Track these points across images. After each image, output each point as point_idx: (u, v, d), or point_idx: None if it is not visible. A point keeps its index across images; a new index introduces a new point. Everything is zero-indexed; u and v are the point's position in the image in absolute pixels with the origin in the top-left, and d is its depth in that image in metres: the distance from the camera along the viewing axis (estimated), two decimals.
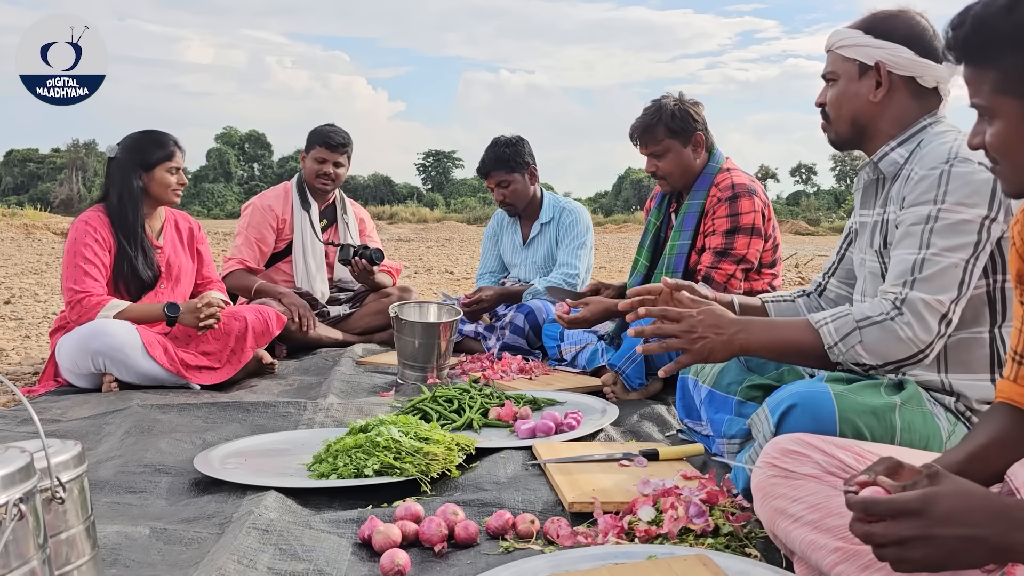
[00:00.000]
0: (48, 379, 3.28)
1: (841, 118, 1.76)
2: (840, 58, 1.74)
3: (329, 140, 4.13)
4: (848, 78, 1.73)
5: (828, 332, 1.60)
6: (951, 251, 1.54)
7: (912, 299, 1.55)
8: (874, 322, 1.57)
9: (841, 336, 1.59)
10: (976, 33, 1.04)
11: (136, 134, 3.37)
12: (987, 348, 1.62)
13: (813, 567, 1.28)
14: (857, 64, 1.72)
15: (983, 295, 1.61)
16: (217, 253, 12.25)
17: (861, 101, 1.72)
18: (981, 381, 1.62)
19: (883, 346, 1.56)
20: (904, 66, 1.69)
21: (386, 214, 38.58)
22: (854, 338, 1.57)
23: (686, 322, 1.63)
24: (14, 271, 9.51)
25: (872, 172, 1.77)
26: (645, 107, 3.07)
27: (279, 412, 2.68)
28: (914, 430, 1.54)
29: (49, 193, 49.48)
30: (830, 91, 1.77)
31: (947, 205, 1.56)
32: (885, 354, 1.56)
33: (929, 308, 1.54)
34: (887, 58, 1.69)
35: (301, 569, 1.48)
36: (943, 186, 1.57)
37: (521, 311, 3.72)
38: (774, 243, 3.06)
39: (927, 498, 0.89)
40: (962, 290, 1.55)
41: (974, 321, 1.62)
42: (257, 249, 4.10)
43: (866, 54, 1.70)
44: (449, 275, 9.96)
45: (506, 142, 3.99)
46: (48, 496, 1.10)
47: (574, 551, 1.48)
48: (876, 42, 1.69)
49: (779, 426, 1.55)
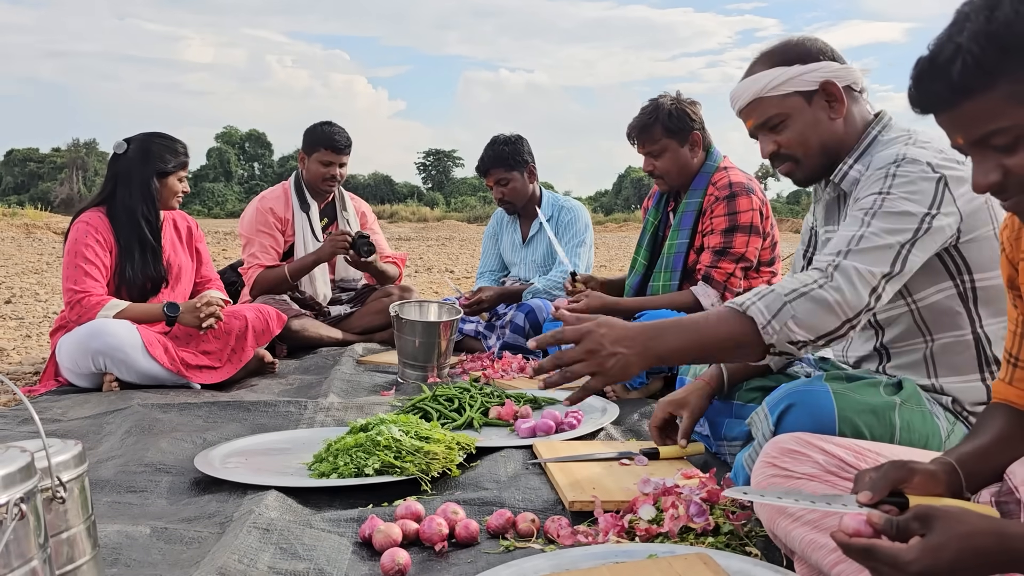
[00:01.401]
0: (49, 379, 3.28)
1: (811, 151, 1.71)
2: (776, 100, 1.69)
3: (335, 143, 4.07)
4: (799, 111, 1.69)
5: (758, 311, 1.47)
6: (888, 233, 1.52)
7: (845, 266, 1.50)
8: (802, 293, 1.48)
9: (773, 313, 1.46)
10: (984, 52, 0.92)
11: (148, 137, 3.34)
12: (973, 349, 1.62)
13: (813, 566, 1.28)
14: (800, 95, 1.68)
15: (954, 296, 1.62)
16: (216, 252, 12.26)
17: (825, 126, 1.69)
18: (971, 383, 1.62)
19: (814, 317, 1.47)
20: (843, 76, 1.69)
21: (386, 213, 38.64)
22: (786, 312, 1.46)
23: (588, 341, 1.43)
24: (14, 271, 9.51)
25: (833, 190, 1.76)
26: (642, 106, 3.07)
27: (280, 411, 2.68)
28: (913, 429, 1.55)
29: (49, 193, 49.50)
30: (782, 135, 1.71)
31: (892, 196, 1.55)
32: (816, 326, 1.47)
33: (860, 276, 1.49)
34: (829, 75, 1.67)
35: (302, 568, 1.48)
36: (888, 180, 1.57)
37: (521, 310, 3.72)
38: (772, 241, 3.06)
39: (928, 551, 0.88)
40: (894, 269, 1.51)
41: (952, 324, 1.62)
42: (272, 252, 4.07)
43: (805, 81, 1.67)
44: (449, 274, 9.96)
45: (505, 140, 3.99)
46: (49, 496, 1.10)
47: (574, 550, 1.48)
48: (808, 67, 1.67)
49: (778, 425, 1.55)
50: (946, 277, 1.61)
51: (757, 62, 1.73)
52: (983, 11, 0.92)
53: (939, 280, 1.61)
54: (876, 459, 1.31)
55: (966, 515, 0.91)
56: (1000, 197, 1.01)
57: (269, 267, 4.03)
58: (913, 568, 0.88)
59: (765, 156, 1.77)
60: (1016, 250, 1.19)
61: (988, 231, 1.59)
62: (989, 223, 1.59)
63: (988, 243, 1.59)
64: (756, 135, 1.76)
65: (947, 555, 0.88)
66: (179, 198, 3.38)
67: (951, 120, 0.98)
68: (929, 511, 0.91)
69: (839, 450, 1.33)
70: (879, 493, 1.02)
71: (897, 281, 1.53)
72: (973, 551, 0.88)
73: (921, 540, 0.90)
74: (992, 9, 0.92)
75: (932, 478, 1.07)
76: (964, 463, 1.12)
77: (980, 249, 1.59)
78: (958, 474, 1.10)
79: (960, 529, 0.89)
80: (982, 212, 1.58)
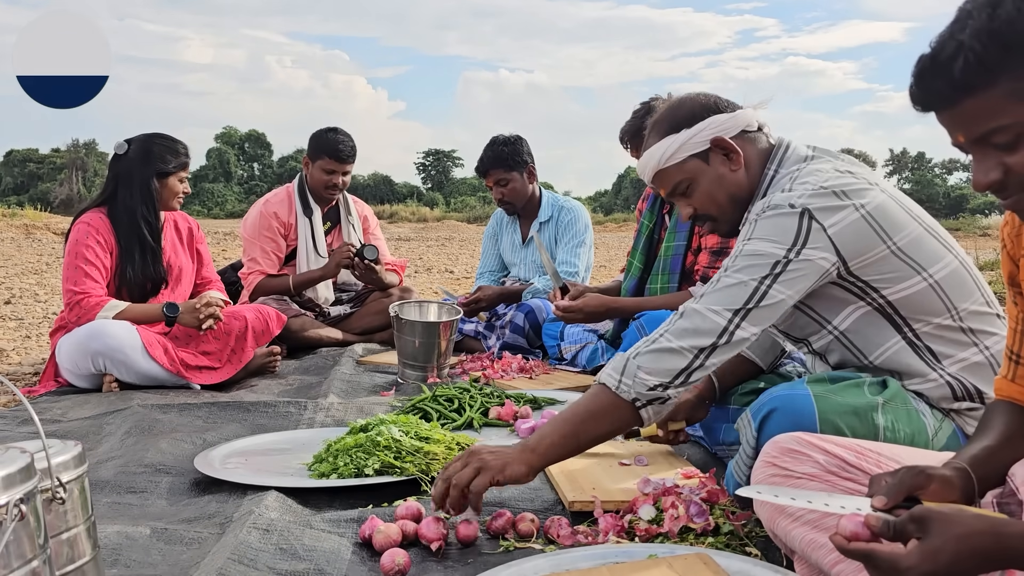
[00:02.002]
0: (48, 379, 3.28)
1: (723, 206, 1.74)
2: (675, 168, 1.73)
3: (339, 153, 4.05)
4: (700, 173, 1.72)
5: (608, 376, 1.57)
6: (742, 272, 1.55)
7: (689, 310, 1.56)
8: (644, 347, 1.56)
9: (620, 371, 1.56)
10: (987, 49, 0.91)
11: (149, 138, 3.34)
12: (911, 352, 1.63)
13: (813, 566, 1.28)
14: (696, 157, 1.71)
15: (871, 312, 1.62)
16: (217, 253, 12.26)
17: (728, 179, 1.72)
18: (932, 382, 1.62)
19: (659, 362, 1.54)
20: (731, 125, 1.71)
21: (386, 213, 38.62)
22: (632, 367, 1.54)
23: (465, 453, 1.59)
24: (14, 271, 9.51)
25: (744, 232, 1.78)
26: (634, 109, 3.06)
27: (279, 412, 2.68)
28: (898, 429, 1.54)
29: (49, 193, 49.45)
30: (693, 197, 1.75)
31: (750, 241, 1.58)
32: (665, 369, 1.54)
33: (703, 316, 1.54)
34: (716, 130, 1.70)
35: (302, 569, 1.48)
36: (750, 227, 1.60)
37: (521, 310, 3.72)
38: None
39: (927, 554, 0.88)
40: (750, 303, 1.53)
41: (882, 337, 1.63)
42: (274, 257, 4.08)
43: (695, 143, 1.70)
44: (449, 274, 9.96)
45: (504, 141, 3.99)
46: (49, 496, 1.10)
47: (574, 550, 1.48)
48: (693, 129, 1.70)
49: (760, 430, 1.55)
50: (854, 299, 1.62)
51: (650, 135, 1.77)
52: (985, 8, 0.92)
53: (847, 304, 1.63)
54: (877, 459, 1.30)
55: (962, 516, 0.91)
56: (1000, 196, 1.00)
57: (272, 275, 4.03)
58: (913, 573, 0.88)
59: (685, 220, 1.82)
60: (1017, 247, 1.19)
61: (882, 250, 1.57)
62: (880, 242, 1.57)
63: (887, 261, 1.58)
64: (671, 201, 1.81)
65: (945, 557, 0.88)
66: (180, 199, 3.38)
67: (952, 118, 0.98)
68: (925, 513, 0.91)
69: (840, 450, 1.33)
70: (894, 499, 1.02)
71: (758, 315, 1.54)
72: (970, 552, 0.88)
73: (919, 543, 0.90)
74: (994, 7, 0.91)
75: (948, 484, 1.06)
76: (976, 466, 1.11)
77: (879, 268, 1.58)
78: (972, 479, 1.10)
79: (956, 530, 0.89)
80: (866, 236, 1.56)
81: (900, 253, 1.58)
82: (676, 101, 1.77)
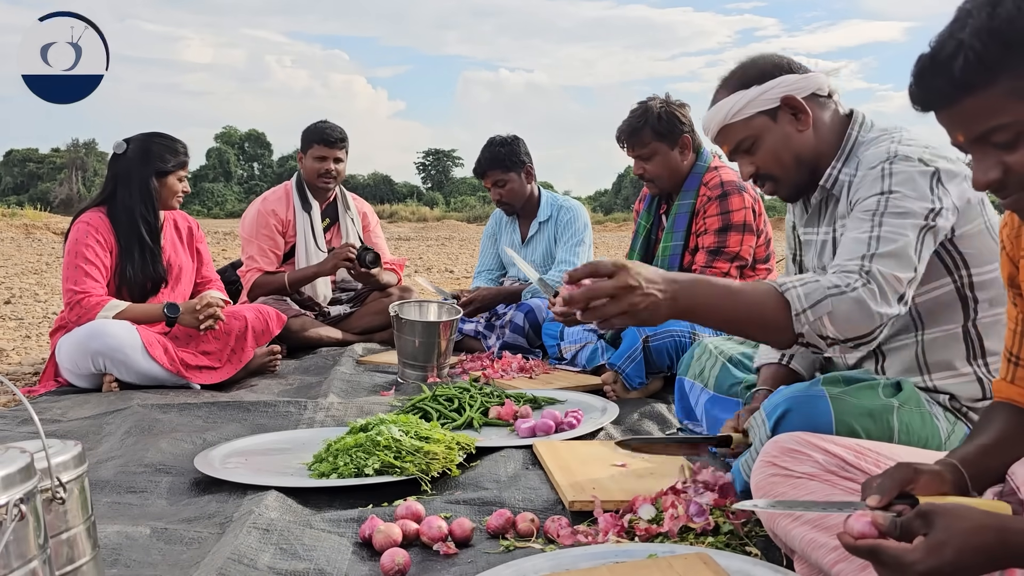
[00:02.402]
0: (48, 379, 3.28)
1: (787, 166, 1.71)
2: (742, 124, 1.70)
3: (327, 136, 4.11)
4: (766, 130, 1.69)
5: (796, 297, 1.42)
6: (902, 230, 1.51)
7: (875, 271, 1.47)
8: (843, 292, 1.43)
9: (811, 303, 1.42)
10: (987, 48, 0.92)
11: (147, 136, 3.34)
12: (962, 343, 1.63)
13: (813, 565, 1.28)
14: (764, 115, 1.69)
15: (952, 291, 1.62)
16: (216, 252, 12.26)
17: (795, 140, 1.69)
18: (965, 377, 1.62)
19: (852, 318, 1.43)
20: (803, 86, 1.69)
21: (386, 213, 38.64)
22: (824, 307, 1.41)
23: (622, 276, 1.32)
24: (14, 271, 9.51)
25: (819, 194, 1.75)
26: (631, 109, 3.06)
27: (279, 411, 2.68)
28: (912, 431, 1.54)
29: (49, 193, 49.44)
30: (756, 155, 1.72)
31: (895, 195, 1.54)
32: (850, 328, 1.43)
33: (888, 284, 1.47)
34: (787, 89, 1.68)
35: (302, 568, 1.48)
36: (887, 179, 1.56)
37: (521, 310, 3.72)
38: (766, 238, 3.06)
39: (932, 550, 0.89)
40: (916, 272, 1.50)
41: (947, 319, 1.63)
42: (272, 255, 4.09)
43: (765, 100, 1.68)
44: (449, 274, 9.96)
45: (501, 141, 3.99)
46: (49, 496, 1.10)
47: (574, 550, 1.48)
48: (765, 86, 1.68)
49: (775, 430, 1.54)
50: (944, 273, 1.61)
51: (719, 90, 1.75)
52: (985, 7, 0.92)
53: (939, 276, 1.61)
54: (876, 458, 1.31)
55: (968, 512, 0.91)
56: (1000, 195, 1.00)
57: (268, 273, 4.04)
58: (918, 568, 0.88)
59: (746, 178, 1.78)
60: (1016, 248, 1.19)
61: (980, 225, 1.59)
62: (980, 217, 1.59)
63: (980, 238, 1.59)
64: (734, 159, 1.78)
65: (949, 553, 0.88)
66: (180, 198, 3.38)
67: (952, 117, 0.98)
68: (931, 509, 0.92)
69: (839, 449, 1.33)
70: (888, 495, 1.02)
71: (915, 282, 1.52)
72: (975, 548, 0.88)
73: (924, 539, 0.90)
74: (994, 6, 0.92)
75: (937, 477, 1.07)
76: (967, 463, 1.12)
77: (973, 243, 1.59)
78: (962, 473, 1.10)
79: (961, 526, 0.89)
80: (974, 207, 1.59)
81: (991, 230, 1.59)
82: (748, 59, 1.75)
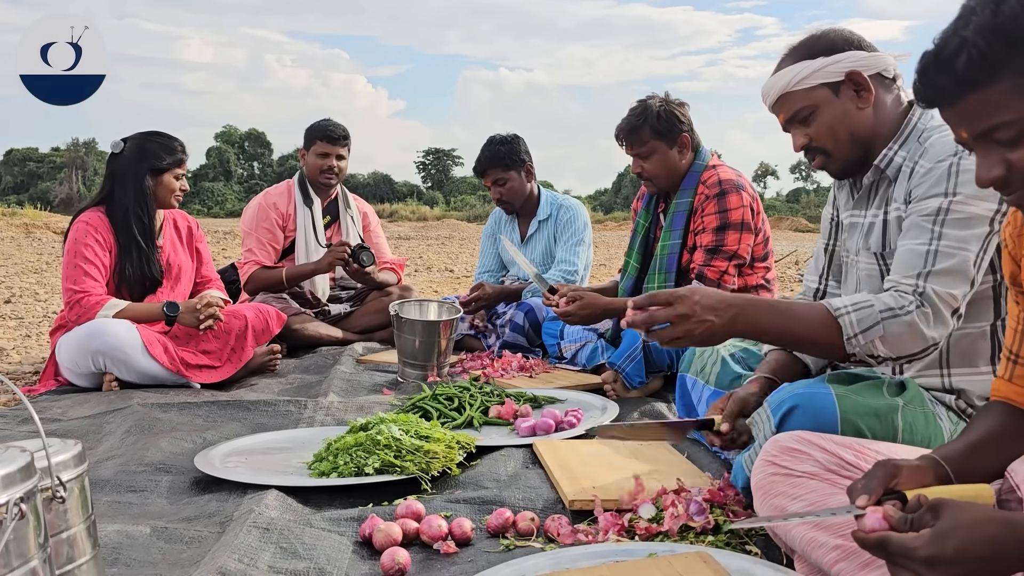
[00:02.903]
0: (48, 378, 3.28)
1: (841, 142, 1.69)
2: (803, 93, 1.68)
3: (330, 133, 4.14)
4: (826, 103, 1.67)
5: (849, 323, 1.51)
6: (963, 243, 1.52)
7: (929, 292, 1.51)
8: (896, 315, 1.50)
9: (864, 328, 1.51)
10: (990, 45, 0.92)
11: (144, 135, 3.34)
12: (988, 341, 1.62)
13: (813, 564, 1.28)
14: (827, 87, 1.66)
15: (988, 290, 1.60)
16: (216, 252, 12.26)
17: (854, 116, 1.67)
18: (982, 375, 1.62)
19: (903, 340, 1.51)
20: (870, 64, 1.66)
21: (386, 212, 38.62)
22: (876, 331, 1.50)
23: (681, 305, 1.45)
24: (14, 270, 9.51)
25: (873, 175, 1.72)
26: (630, 107, 3.06)
27: (279, 411, 2.68)
28: (916, 431, 1.54)
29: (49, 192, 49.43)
30: (812, 127, 1.70)
31: (959, 198, 1.53)
32: (902, 348, 1.52)
33: (944, 303, 1.51)
34: (854, 64, 1.65)
35: (302, 567, 1.48)
36: (953, 178, 1.54)
37: (521, 309, 3.72)
38: (764, 236, 3.06)
39: (935, 538, 0.89)
40: (972, 284, 1.53)
41: (978, 316, 1.61)
42: (270, 248, 4.10)
43: (830, 72, 1.66)
44: (449, 273, 9.96)
45: (501, 140, 3.98)
46: (49, 495, 1.10)
47: (574, 549, 1.48)
48: (832, 58, 1.66)
49: (780, 427, 1.53)
50: (988, 271, 1.58)
51: (785, 58, 1.72)
52: (989, 5, 0.92)
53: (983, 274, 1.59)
54: (876, 457, 1.30)
55: (974, 505, 0.92)
56: (1004, 192, 1.01)
57: (267, 267, 4.05)
58: (920, 553, 0.89)
59: (797, 150, 1.75)
60: (1018, 246, 1.19)
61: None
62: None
63: None
64: (788, 129, 1.75)
65: (953, 541, 0.88)
66: (178, 196, 3.37)
67: (955, 114, 0.98)
68: (941, 502, 0.93)
69: (839, 448, 1.33)
70: (875, 494, 1.03)
71: (971, 293, 1.54)
72: (980, 539, 0.88)
73: (930, 528, 0.91)
74: (998, 3, 0.92)
75: (919, 472, 1.08)
76: (951, 459, 1.13)
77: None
78: (945, 469, 1.11)
79: (967, 517, 0.90)
80: None
81: None
82: (819, 31, 1.72)
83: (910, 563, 0.90)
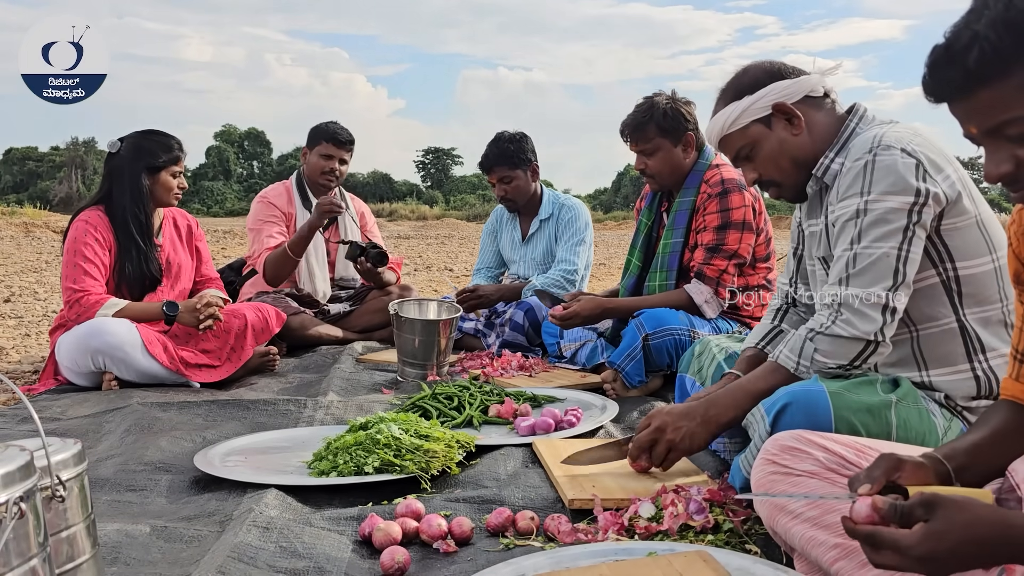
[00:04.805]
0: (48, 377, 3.28)
1: (786, 170, 1.77)
2: (738, 133, 1.77)
3: (336, 136, 4.12)
4: (763, 137, 1.75)
5: (787, 359, 1.68)
6: (881, 241, 1.57)
7: (847, 297, 1.59)
8: (819, 332, 1.62)
9: (797, 354, 1.65)
10: (1002, 39, 0.91)
11: (141, 134, 3.34)
12: (959, 338, 1.63)
13: (813, 563, 1.28)
14: (759, 123, 1.75)
15: (937, 285, 1.63)
16: (216, 251, 12.25)
17: (790, 143, 1.74)
18: (961, 374, 1.63)
19: (837, 348, 1.61)
20: (793, 91, 1.74)
21: (385, 211, 38.62)
22: (808, 349, 1.63)
23: (655, 419, 1.78)
24: (14, 269, 9.51)
25: (815, 184, 1.78)
26: (637, 104, 3.05)
27: (279, 410, 2.68)
28: (910, 427, 1.54)
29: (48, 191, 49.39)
30: (756, 162, 1.78)
31: (872, 196, 1.59)
32: (845, 355, 1.61)
33: (865, 303, 1.58)
34: (778, 96, 1.73)
35: (302, 566, 1.48)
36: (868, 176, 1.60)
37: (521, 308, 3.72)
38: (766, 237, 3.06)
39: (930, 537, 0.89)
40: (897, 279, 1.57)
41: (936, 314, 1.64)
42: (279, 238, 4.05)
43: (757, 109, 1.74)
44: (449, 272, 9.95)
45: (510, 138, 3.98)
46: (48, 494, 1.10)
47: (574, 548, 1.48)
48: (756, 95, 1.74)
49: (774, 425, 1.55)
50: (929, 266, 1.63)
51: (717, 101, 1.82)
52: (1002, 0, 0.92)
53: (924, 268, 1.62)
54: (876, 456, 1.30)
55: (970, 504, 0.91)
56: (1012, 188, 1.00)
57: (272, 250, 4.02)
58: (914, 552, 0.89)
59: (750, 184, 1.85)
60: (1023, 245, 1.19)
61: (970, 220, 1.60)
62: (971, 212, 1.60)
63: (969, 232, 1.60)
64: (738, 167, 1.85)
65: (948, 542, 0.88)
66: (177, 194, 3.37)
67: (965, 109, 0.97)
68: (934, 498, 0.92)
69: (840, 447, 1.33)
70: (877, 483, 1.03)
71: (906, 286, 1.58)
72: (975, 539, 0.88)
73: (924, 526, 0.90)
74: None
75: (921, 468, 1.08)
76: (953, 457, 1.12)
77: (962, 237, 1.60)
78: (946, 467, 1.11)
79: (963, 517, 0.89)
80: (962, 199, 1.60)
81: (982, 226, 1.61)
82: (742, 69, 1.81)
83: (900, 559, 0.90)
